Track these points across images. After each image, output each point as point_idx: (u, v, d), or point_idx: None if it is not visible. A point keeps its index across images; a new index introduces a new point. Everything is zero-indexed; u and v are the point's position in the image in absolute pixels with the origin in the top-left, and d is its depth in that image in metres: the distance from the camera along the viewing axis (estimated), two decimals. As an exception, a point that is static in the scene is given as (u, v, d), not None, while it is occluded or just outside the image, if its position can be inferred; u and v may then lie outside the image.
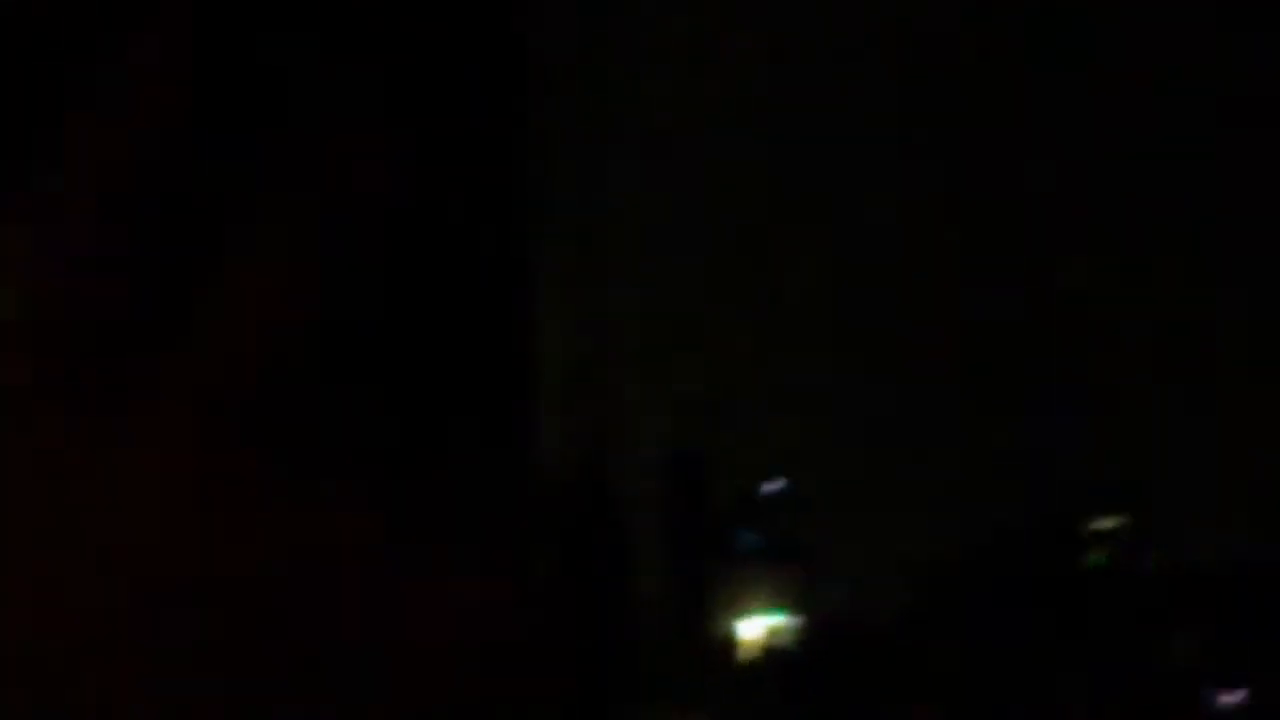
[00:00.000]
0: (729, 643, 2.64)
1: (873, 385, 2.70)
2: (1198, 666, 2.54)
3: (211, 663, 1.01)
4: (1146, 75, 2.74)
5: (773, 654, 2.63)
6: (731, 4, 3.03)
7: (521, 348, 1.32)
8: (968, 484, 2.65)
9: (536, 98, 1.32)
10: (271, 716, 1.05)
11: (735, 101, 2.96)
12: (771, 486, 2.63)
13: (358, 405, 1.07)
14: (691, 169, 2.91)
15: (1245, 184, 2.73)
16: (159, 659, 1.00)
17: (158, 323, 0.98)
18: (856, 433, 2.67)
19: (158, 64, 1.03)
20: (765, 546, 2.64)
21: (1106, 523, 2.60)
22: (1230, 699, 2.45)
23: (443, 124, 1.18)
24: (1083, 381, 2.59)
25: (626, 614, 2.61)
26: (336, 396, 1.05)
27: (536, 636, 1.29)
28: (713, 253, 2.90)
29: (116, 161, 1.03)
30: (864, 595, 2.64)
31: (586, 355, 2.57)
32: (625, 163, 2.78)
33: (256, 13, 1.06)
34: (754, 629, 2.63)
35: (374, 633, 1.07)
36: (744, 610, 2.63)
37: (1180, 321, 2.66)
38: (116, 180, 1.03)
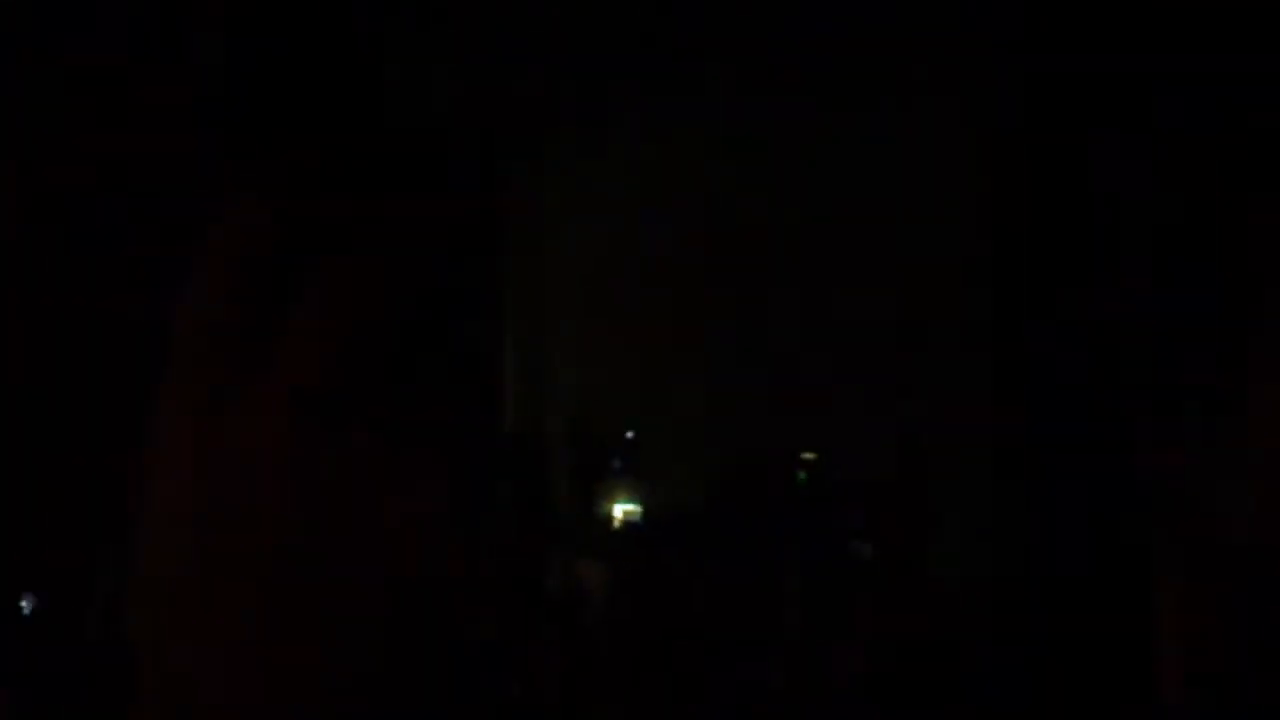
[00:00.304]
0: (608, 519, 4.94)
1: (689, 380, 5.02)
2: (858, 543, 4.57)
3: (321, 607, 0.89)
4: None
5: (629, 525, 4.91)
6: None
7: (496, 356, 3.91)
8: (737, 431, 4.91)
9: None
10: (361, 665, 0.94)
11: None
12: (630, 435, 4.97)
13: (408, 396, 1.02)
14: (599, 249, 5.40)
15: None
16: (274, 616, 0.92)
17: (261, 329, 0.90)
18: (677, 406, 4.99)
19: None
20: (625, 468, 4.96)
21: (809, 454, 4.72)
22: (861, 547, 4.44)
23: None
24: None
25: (551, 508, 4.99)
26: (394, 389, 0.99)
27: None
28: (618, 304, 5.34)
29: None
30: (677, 495, 4.89)
31: (532, 359, 5.12)
32: (565, 235, 5.39)
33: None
34: (619, 512, 4.92)
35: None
36: (614, 502, 4.93)
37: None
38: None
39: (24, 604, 4.37)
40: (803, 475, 4.70)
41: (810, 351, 4.60)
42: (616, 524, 4.88)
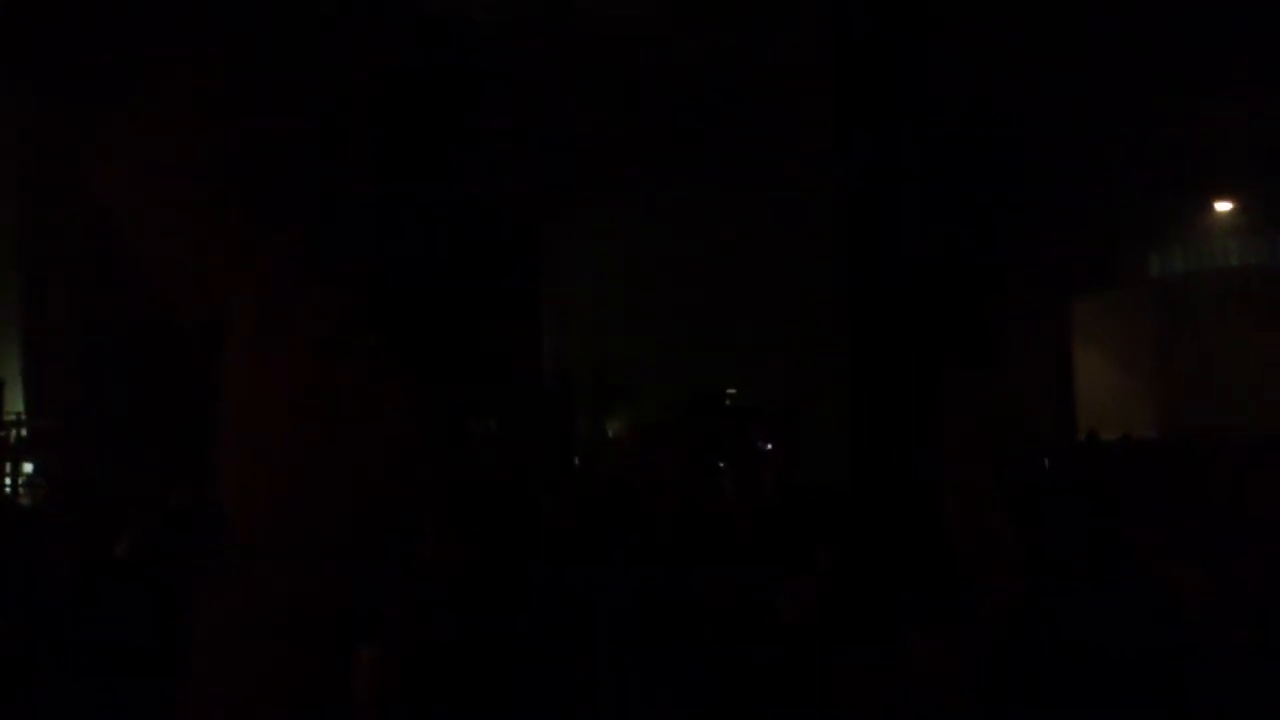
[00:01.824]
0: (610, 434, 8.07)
1: (659, 348, 8.22)
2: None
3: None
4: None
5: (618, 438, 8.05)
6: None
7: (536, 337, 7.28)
8: (688, 379, 8.10)
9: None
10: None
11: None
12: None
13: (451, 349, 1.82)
14: (608, 268, 8.58)
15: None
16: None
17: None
18: (652, 365, 8.17)
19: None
20: (620, 404, 8.13)
21: (731, 390, 7.88)
22: (765, 445, 7.56)
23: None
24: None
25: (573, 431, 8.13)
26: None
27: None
28: (616, 304, 8.49)
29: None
30: (651, 416, 8.04)
31: (555, 342, 8.30)
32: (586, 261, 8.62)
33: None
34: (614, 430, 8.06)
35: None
36: (614, 423, 8.07)
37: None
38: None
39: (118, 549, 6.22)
40: (728, 403, 7.84)
41: (732, 332, 7.84)
42: (612, 434, 8.00)
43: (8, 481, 7.69)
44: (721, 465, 6.93)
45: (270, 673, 1.21)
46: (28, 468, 7.87)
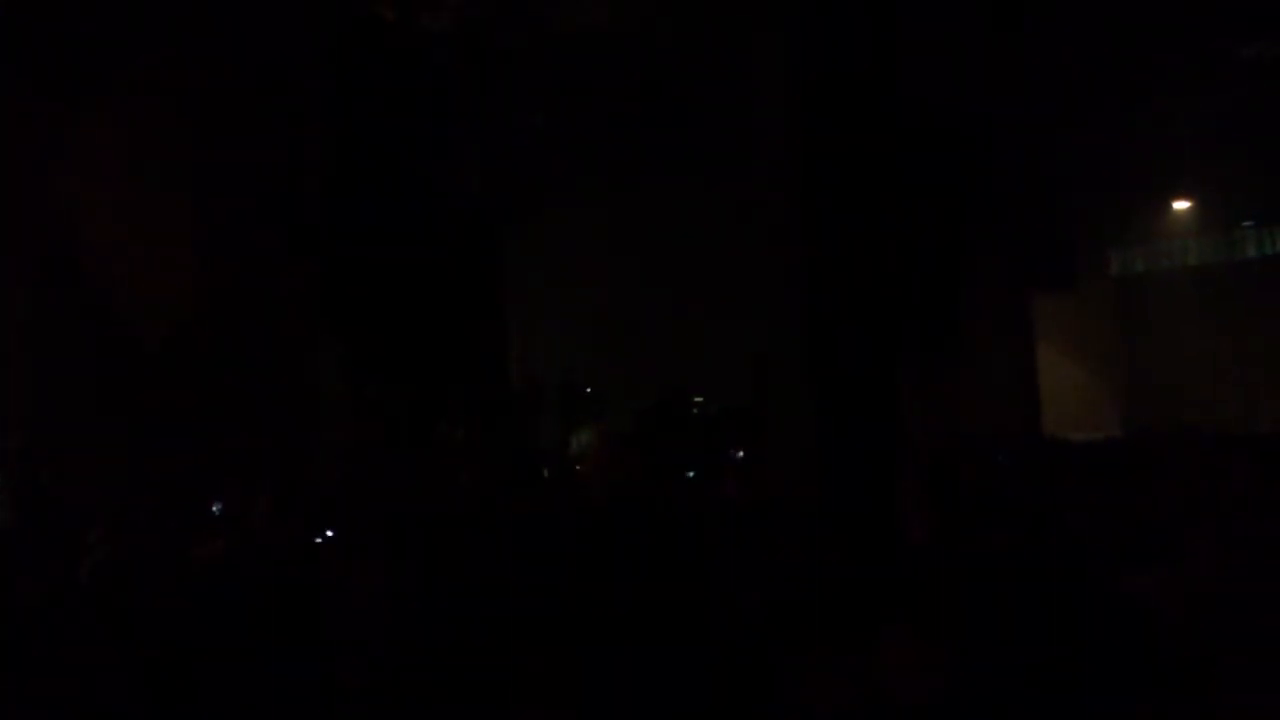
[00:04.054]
0: (576, 443, 8.08)
1: (625, 355, 8.22)
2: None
3: None
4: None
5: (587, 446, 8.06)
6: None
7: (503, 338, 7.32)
8: (655, 385, 8.12)
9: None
10: None
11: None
12: (588, 390, 8.16)
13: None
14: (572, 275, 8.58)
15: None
16: None
17: None
18: (618, 371, 8.19)
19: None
20: (586, 411, 8.14)
21: (698, 397, 7.90)
22: (735, 453, 7.60)
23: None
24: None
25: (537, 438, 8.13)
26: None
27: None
28: (580, 309, 8.50)
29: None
30: (620, 425, 8.05)
31: (519, 342, 8.30)
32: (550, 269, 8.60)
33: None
34: (583, 438, 8.06)
35: None
36: (580, 432, 8.07)
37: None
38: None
39: (215, 508, 6.48)
40: (695, 410, 7.86)
41: (699, 337, 7.86)
42: (578, 446, 8.00)
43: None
44: (690, 475, 6.95)
45: None
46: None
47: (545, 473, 7.51)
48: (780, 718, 2.43)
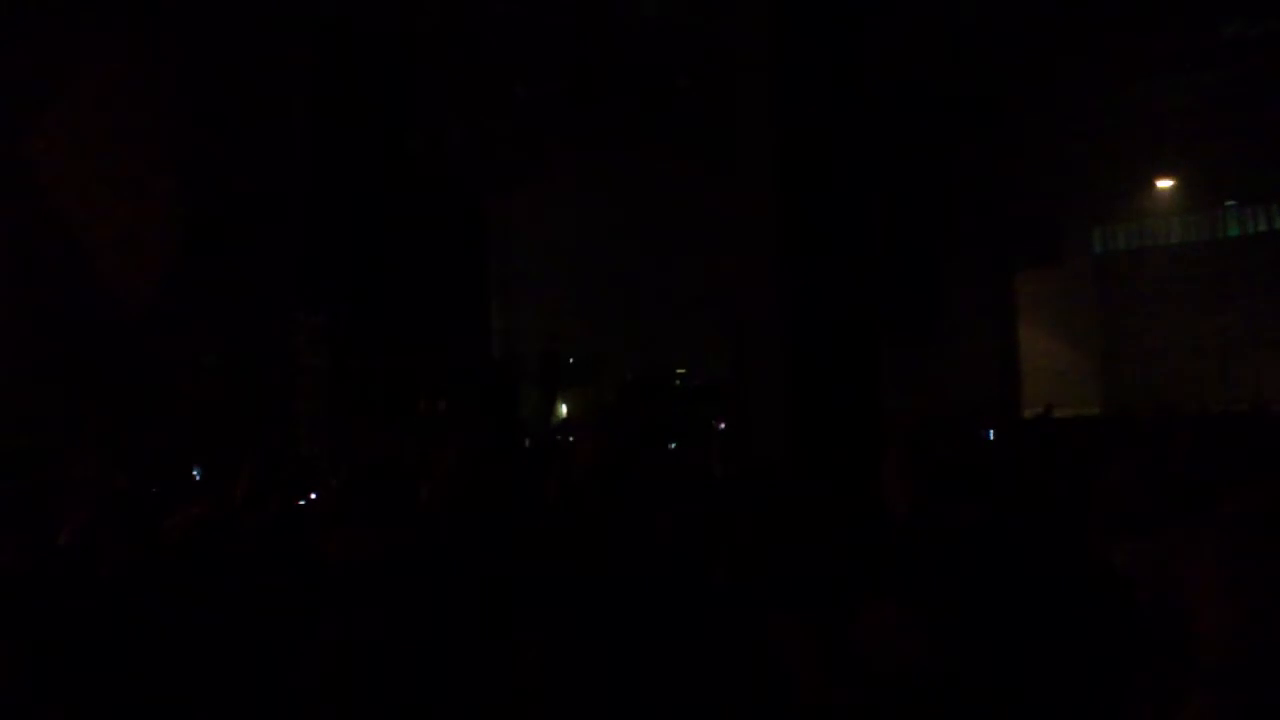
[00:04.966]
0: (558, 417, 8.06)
1: (609, 328, 8.19)
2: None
3: None
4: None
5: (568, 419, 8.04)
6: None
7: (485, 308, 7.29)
8: (638, 360, 8.09)
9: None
10: None
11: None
12: (570, 360, 8.13)
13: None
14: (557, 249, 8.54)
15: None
16: None
17: None
18: (601, 345, 8.16)
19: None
20: (568, 384, 8.12)
21: (681, 370, 7.89)
22: (718, 425, 7.61)
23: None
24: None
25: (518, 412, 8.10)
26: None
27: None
28: (566, 283, 8.47)
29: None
30: (603, 399, 8.03)
31: (503, 322, 8.25)
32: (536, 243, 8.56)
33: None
34: (563, 411, 8.04)
35: None
36: (561, 405, 8.05)
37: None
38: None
39: (195, 473, 6.55)
40: (678, 383, 7.85)
41: (683, 310, 7.85)
42: (559, 419, 7.98)
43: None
44: (673, 447, 6.97)
45: None
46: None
47: (527, 443, 7.50)
48: (761, 687, 2.44)
